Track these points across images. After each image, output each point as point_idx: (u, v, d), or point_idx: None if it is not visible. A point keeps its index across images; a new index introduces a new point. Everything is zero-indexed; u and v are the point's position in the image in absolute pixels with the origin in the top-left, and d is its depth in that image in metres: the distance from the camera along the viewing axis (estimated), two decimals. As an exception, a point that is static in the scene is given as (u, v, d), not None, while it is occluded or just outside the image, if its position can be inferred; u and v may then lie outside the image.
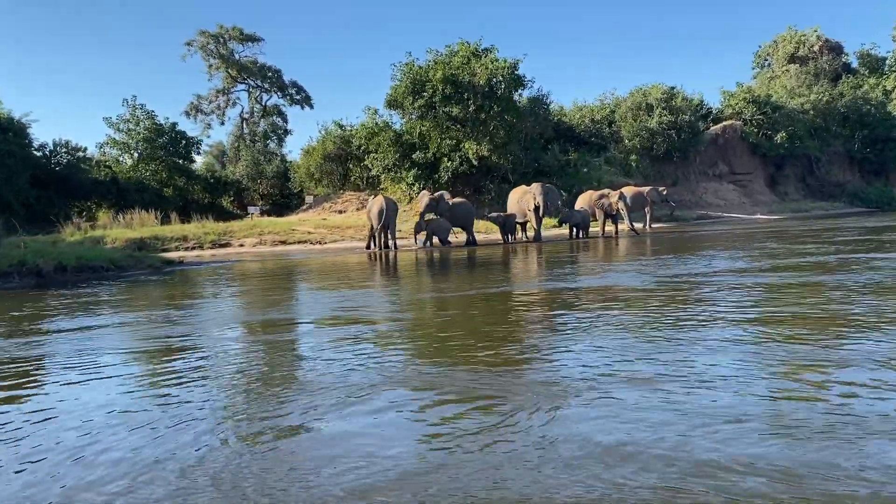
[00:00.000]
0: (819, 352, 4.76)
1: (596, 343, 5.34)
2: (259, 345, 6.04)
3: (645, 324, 6.11)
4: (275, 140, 51.81)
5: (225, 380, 4.62)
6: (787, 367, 4.38)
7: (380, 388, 4.17)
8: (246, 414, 3.80)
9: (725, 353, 4.84)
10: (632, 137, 39.01)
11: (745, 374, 4.25)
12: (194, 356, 5.49)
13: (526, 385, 4.14)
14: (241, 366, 5.06)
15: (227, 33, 49.14)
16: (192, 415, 3.79)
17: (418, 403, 3.87)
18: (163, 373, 4.91)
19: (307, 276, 13.19)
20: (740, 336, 5.40)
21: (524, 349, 5.30)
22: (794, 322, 5.91)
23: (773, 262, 11.49)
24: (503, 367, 4.61)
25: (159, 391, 4.37)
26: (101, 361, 5.37)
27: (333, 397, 3.99)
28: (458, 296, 8.84)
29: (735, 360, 4.59)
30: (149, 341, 6.25)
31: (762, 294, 7.78)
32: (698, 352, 4.90)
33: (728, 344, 5.13)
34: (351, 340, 5.81)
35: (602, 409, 3.61)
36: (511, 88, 33.47)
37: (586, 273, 11.43)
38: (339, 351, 5.33)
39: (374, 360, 5.00)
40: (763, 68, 61.48)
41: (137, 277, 13.40)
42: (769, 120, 44.06)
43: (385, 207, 20.29)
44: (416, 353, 5.31)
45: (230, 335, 6.51)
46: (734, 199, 42.46)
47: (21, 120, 34.27)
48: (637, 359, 4.74)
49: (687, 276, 9.86)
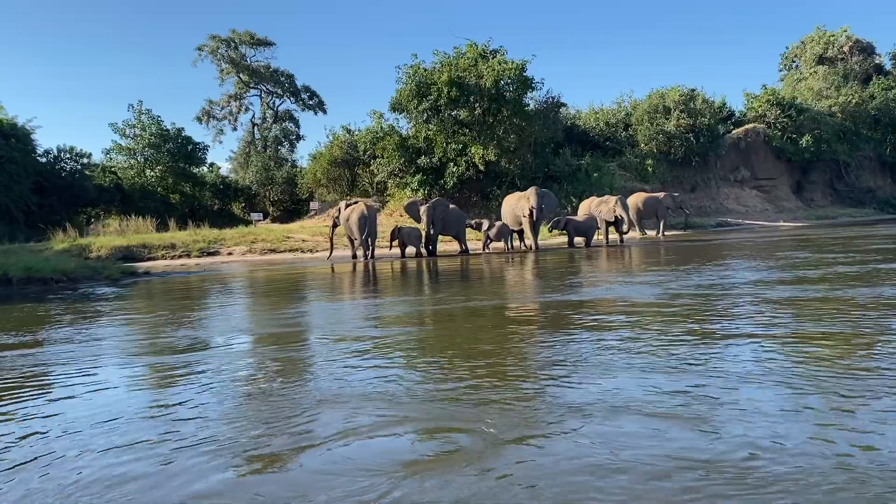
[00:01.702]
0: (873, 380, 3.87)
1: (603, 369, 4.45)
2: (130, 378, 4.95)
3: (656, 346, 5.09)
4: (286, 146, 51.24)
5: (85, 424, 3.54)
6: (838, 400, 3.56)
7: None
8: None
9: (758, 381, 3.98)
10: (648, 141, 37.56)
11: (788, 409, 3.47)
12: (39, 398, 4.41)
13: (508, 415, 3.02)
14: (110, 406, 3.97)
15: (238, 38, 48.73)
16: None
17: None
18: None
19: (264, 290, 12.17)
20: (772, 356, 4.61)
21: (502, 374, 4.16)
22: (830, 342, 5.03)
23: (797, 273, 10.21)
24: (474, 397, 3.49)
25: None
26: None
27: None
28: (399, 313, 7.72)
29: (774, 394, 3.74)
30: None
31: (790, 309, 6.68)
32: (727, 380, 4.05)
33: (759, 369, 4.28)
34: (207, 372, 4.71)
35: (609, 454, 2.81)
36: (520, 91, 32.30)
37: (565, 288, 10.22)
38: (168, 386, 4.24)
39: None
40: (790, 70, 59.46)
41: (89, 290, 12.49)
42: (794, 123, 42.24)
43: (367, 215, 19.30)
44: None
45: (112, 363, 5.44)
46: (757, 206, 40.70)
47: (25, 126, 33.99)
48: (653, 387, 3.89)
49: (701, 288, 8.64)
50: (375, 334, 6.46)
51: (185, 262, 20.85)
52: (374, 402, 3.93)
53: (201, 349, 6.09)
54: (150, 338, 6.83)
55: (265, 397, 4.16)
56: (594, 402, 3.69)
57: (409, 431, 3.39)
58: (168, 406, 4.07)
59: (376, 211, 20.57)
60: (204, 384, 4.60)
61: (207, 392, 4.36)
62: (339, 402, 3.95)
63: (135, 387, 4.79)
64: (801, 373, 4.17)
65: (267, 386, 4.47)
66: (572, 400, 3.78)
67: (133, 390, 4.67)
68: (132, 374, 5.25)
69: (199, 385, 4.58)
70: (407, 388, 4.21)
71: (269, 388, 4.42)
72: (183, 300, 10.75)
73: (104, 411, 4.00)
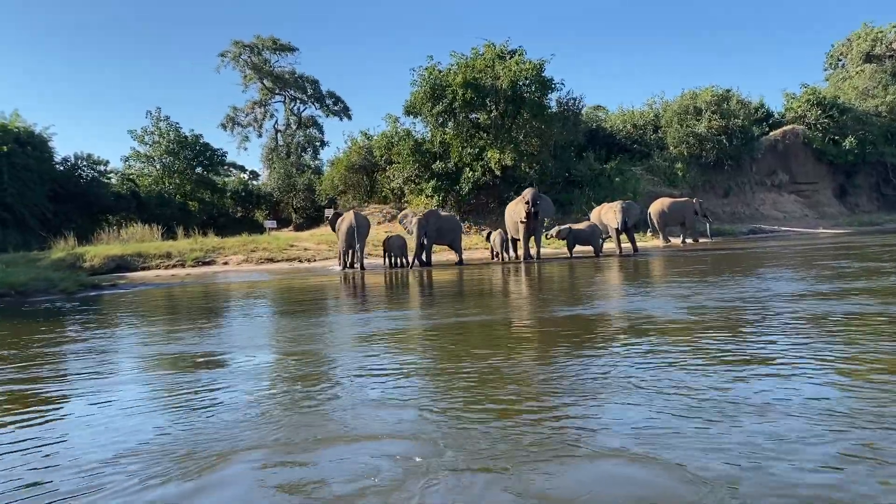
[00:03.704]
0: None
1: (622, 395, 3.75)
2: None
3: (685, 369, 4.26)
4: (310, 152, 50.68)
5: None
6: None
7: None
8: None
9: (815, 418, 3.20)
10: (678, 144, 35.71)
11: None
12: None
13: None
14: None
15: (261, 43, 48.40)
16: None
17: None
18: None
19: (210, 307, 11.15)
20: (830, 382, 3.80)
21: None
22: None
23: (841, 284, 8.83)
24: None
25: None
26: None
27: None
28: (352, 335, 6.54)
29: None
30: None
31: (843, 328, 5.62)
32: (777, 414, 3.29)
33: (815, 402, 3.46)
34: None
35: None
36: (540, 92, 30.90)
37: (538, 305, 8.92)
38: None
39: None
40: (836, 69, 56.67)
41: (36, 305, 11.64)
42: (836, 124, 39.81)
43: (355, 225, 18.25)
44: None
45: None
46: (796, 212, 38.39)
47: (42, 133, 33.94)
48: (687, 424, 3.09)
49: (731, 301, 7.35)
50: (222, 376, 5.28)
51: (176, 273, 20.08)
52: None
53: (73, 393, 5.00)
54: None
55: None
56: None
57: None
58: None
59: (366, 220, 19.41)
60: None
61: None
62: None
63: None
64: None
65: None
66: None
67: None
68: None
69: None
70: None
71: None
72: (104, 321, 9.77)
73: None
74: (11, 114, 33.12)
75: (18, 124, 33.08)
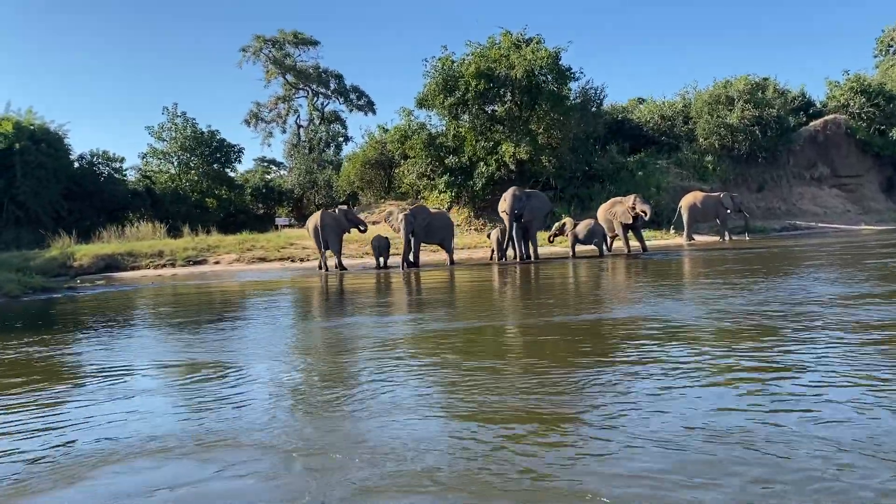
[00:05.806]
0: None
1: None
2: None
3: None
4: (333, 147, 49.89)
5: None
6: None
7: None
8: None
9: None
10: (708, 135, 33.74)
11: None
12: None
13: None
14: None
15: (283, 37, 47.79)
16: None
17: None
18: None
19: (163, 312, 10.20)
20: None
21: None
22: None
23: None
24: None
25: None
26: None
27: None
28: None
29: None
30: None
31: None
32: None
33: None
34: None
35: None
36: (558, 82, 29.40)
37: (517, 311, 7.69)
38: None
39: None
40: (887, 55, 53.45)
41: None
42: (883, 113, 37.18)
43: (319, 225, 17.24)
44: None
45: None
46: (837, 207, 35.98)
47: (57, 130, 33.79)
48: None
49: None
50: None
51: (163, 273, 19.34)
52: None
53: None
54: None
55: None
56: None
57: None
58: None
59: (335, 219, 18.12)
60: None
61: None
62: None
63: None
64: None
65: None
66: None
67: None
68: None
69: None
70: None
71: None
72: (60, 330, 8.87)
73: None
74: (26, 111, 33.03)
75: (33, 121, 32.96)
